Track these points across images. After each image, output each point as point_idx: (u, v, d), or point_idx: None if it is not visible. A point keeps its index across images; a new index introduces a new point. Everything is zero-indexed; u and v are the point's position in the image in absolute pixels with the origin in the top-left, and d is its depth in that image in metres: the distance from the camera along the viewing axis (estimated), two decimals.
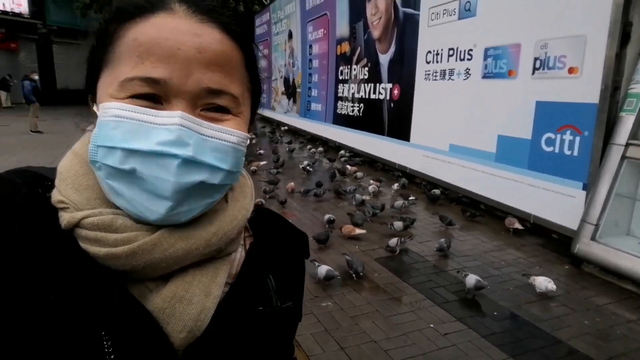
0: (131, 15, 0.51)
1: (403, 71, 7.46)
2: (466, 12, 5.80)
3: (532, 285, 3.40)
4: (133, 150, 0.47)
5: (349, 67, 9.59)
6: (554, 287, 3.24)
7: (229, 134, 0.52)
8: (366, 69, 8.81)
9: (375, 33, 8.29)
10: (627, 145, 3.77)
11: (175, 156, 0.47)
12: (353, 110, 9.44)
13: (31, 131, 11.86)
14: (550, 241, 4.49)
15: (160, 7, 0.51)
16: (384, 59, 8.08)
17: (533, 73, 4.76)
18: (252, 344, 0.57)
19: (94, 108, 0.53)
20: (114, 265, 0.49)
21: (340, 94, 10.09)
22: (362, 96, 9.01)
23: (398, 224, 4.52)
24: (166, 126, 0.48)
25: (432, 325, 2.95)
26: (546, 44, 4.59)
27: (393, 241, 4.15)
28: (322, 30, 11.03)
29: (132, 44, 0.49)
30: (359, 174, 7.12)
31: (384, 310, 3.14)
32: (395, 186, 6.40)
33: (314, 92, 11.77)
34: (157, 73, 0.48)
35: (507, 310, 3.18)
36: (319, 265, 3.44)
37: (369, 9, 8.45)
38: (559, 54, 4.45)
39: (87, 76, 0.55)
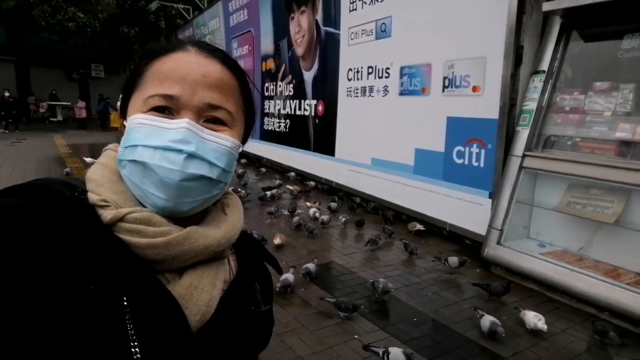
0: (158, 53, 0.68)
1: (326, 88, 7.67)
2: (382, 32, 6.13)
3: (522, 319, 3.18)
4: (149, 146, 0.62)
5: (274, 83, 9.67)
6: (545, 326, 3.00)
7: (224, 139, 0.67)
8: (291, 85, 8.94)
9: (299, 50, 8.46)
10: (524, 156, 4.18)
11: (181, 151, 0.61)
12: (279, 126, 9.50)
13: None
14: (465, 247, 4.82)
15: (178, 47, 0.69)
16: (308, 75, 8.26)
17: (443, 91, 5.13)
18: (245, 335, 0.71)
19: (124, 122, 0.68)
20: (151, 254, 0.60)
21: (266, 110, 10.12)
22: (288, 112, 9.11)
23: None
24: (176, 129, 0.63)
25: (356, 337, 3.02)
26: (453, 64, 4.98)
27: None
28: (247, 46, 11.04)
29: (156, 72, 0.66)
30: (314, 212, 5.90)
31: (310, 324, 3.16)
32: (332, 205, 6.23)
33: None
34: (172, 91, 0.64)
35: (425, 315, 3.34)
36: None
37: (293, 27, 8.62)
38: (464, 74, 4.85)
39: (121, 102, 0.72)
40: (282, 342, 2.93)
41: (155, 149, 0.62)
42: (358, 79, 6.72)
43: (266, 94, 10.08)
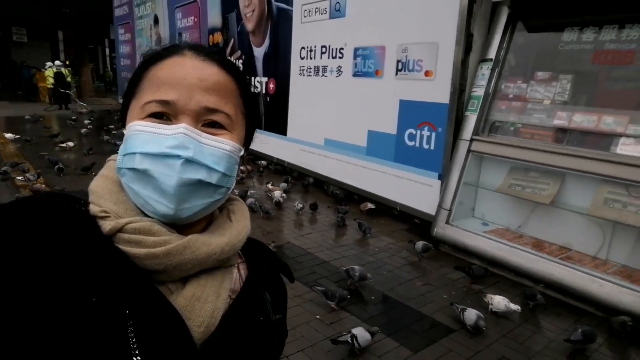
0: (154, 60, 0.67)
1: (278, 66, 7.55)
2: (336, 12, 6.10)
3: (487, 304, 3.22)
4: (147, 153, 0.61)
5: None
6: (517, 307, 3.09)
7: (223, 143, 0.66)
8: (240, 61, 8.68)
9: (249, 25, 8.21)
10: (471, 140, 4.41)
11: (178, 157, 0.61)
12: None
13: None
14: (414, 226, 5.05)
15: (174, 52, 0.68)
16: (259, 52, 8.07)
17: (396, 74, 5.25)
18: (253, 347, 0.69)
19: (124, 131, 0.67)
20: (151, 264, 0.59)
21: None
22: None
23: None
24: (173, 135, 0.62)
25: (318, 317, 3.12)
26: (406, 48, 5.09)
27: None
28: (193, 17, 10.52)
29: (153, 79, 0.66)
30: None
31: None
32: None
33: None
34: (168, 96, 0.63)
35: (381, 293, 3.51)
36: None
37: (242, 1, 8.32)
38: (417, 58, 4.98)
39: (121, 112, 0.71)
40: None
41: (153, 156, 0.61)
42: (311, 58, 6.67)
43: None
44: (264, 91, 8.01)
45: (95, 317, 0.53)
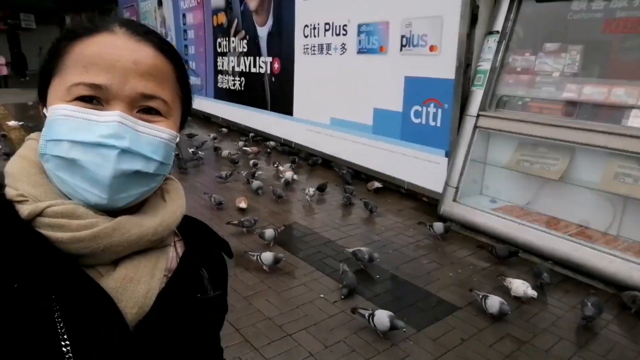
0: (79, 34, 0.62)
1: (282, 45, 7.44)
2: None
3: (507, 287, 3.13)
4: (77, 141, 0.57)
5: (227, 39, 9.24)
6: (534, 293, 2.99)
7: (160, 131, 0.63)
8: (245, 41, 8.58)
9: (252, 4, 8.07)
10: (478, 116, 4.32)
11: (113, 147, 0.58)
12: (234, 85, 9.19)
13: None
14: (422, 204, 5.02)
15: (103, 28, 0.62)
16: (263, 31, 7.95)
17: (401, 50, 5.13)
18: (190, 324, 0.67)
19: (44, 111, 0.63)
20: (76, 248, 0.57)
21: (220, 68, 9.72)
22: (242, 70, 8.80)
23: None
24: (106, 123, 0.58)
25: (322, 296, 3.14)
26: (410, 22, 4.96)
27: (270, 234, 3.84)
28: None
29: (78, 57, 0.60)
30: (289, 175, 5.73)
31: (276, 286, 3.24)
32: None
33: (192, 66, 11.13)
34: (100, 80, 0.59)
35: (387, 272, 3.51)
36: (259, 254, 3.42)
37: None
38: (421, 33, 4.85)
39: (39, 87, 0.66)
40: (250, 304, 3.00)
41: (83, 144, 0.57)
42: (315, 36, 6.55)
43: (219, 50, 9.65)
44: (268, 71, 7.93)
45: (18, 304, 0.52)
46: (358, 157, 5.96)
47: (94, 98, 0.59)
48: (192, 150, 6.85)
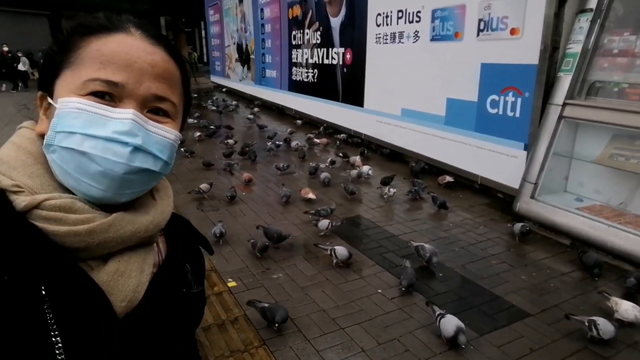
0: (95, 30, 0.63)
1: (354, 35, 7.33)
2: None
3: (612, 310, 2.65)
4: (91, 135, 0.58)
5: (301, 31, 9.33)
6: None
7: (169, 132, 0.65)
8: (318, 33, 8.60)
9: None
10: (564, 105, 3.89)
11: (127, 144, 0.59)
12: (307, 77, 9.26)
13: None
14: (496, 201, 4.67)
15: (120, 28, 0.64)
16: (335, 22, 7.90)
17: (478, 35, 4.78)
18: (176, 318, 0.70)
19: (50, 101, 0.63)
20: (71, 241, 0.57)
21: (294, 60, 9.86)
22: (315, 61, 8.83)
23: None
24: (121, 120, 0.59)
25: (379, 291, 3.03)
26: (489, 4, 4.59)
27: (323, 224, 3.84)
28: None
29: (96, 53, 0.61)
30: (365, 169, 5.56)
31: (334, 278, 3.19)
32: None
33: (268, 59, 11.44)
34: (117, 77, 0.60)
35: (451, 270, 3.30)
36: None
37: None
38: (501, 15, 4.48)
39: (41, 75, 0.66)
40: (306, 295, 2.98)
41: (97, 139, 0.58)
42: (387, 25, 6.36)
43: (293, 42, 9.78)
44: (340, 62, 7.87)
45: (7, 296, 0.52)
46: (429, 149, 5.70)
47: (107, 94, 0.61)
48: (269, 144, 7.01)
